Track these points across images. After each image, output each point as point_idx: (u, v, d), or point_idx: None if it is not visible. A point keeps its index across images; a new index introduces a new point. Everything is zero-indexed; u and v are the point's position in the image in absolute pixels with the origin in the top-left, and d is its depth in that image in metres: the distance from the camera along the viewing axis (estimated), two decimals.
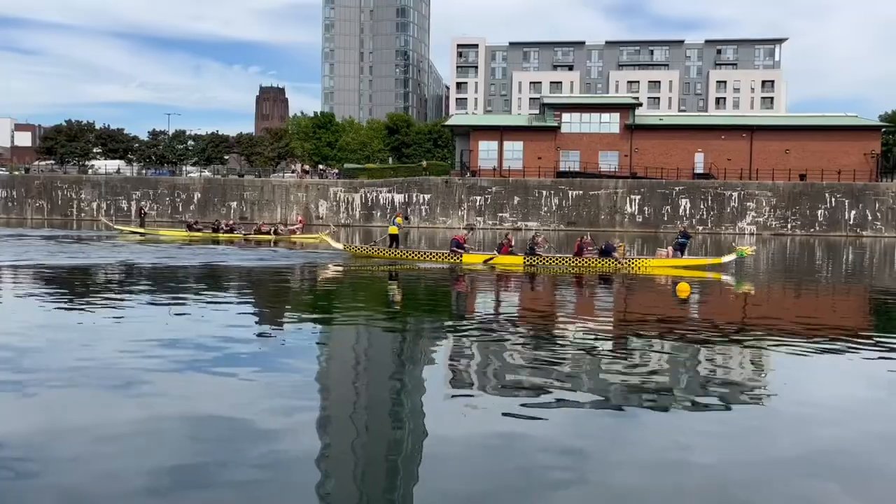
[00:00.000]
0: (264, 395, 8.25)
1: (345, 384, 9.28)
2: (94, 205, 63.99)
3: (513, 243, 27.20)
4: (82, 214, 63.73)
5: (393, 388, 9.05)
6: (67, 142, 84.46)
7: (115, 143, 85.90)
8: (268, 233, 40.60)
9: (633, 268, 24.98)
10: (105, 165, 78.04)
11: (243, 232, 41.34)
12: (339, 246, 29.25)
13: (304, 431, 7.07)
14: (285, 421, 7.31)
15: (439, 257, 26.38)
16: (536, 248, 26.03)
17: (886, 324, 15.84)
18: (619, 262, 25.01)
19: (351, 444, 6.86)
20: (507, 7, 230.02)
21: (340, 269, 24.32)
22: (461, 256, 25.70)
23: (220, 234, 40.03)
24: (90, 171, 74.00)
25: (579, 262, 25.40)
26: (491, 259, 25.59)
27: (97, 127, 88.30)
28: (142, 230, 43.39)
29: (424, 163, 69.28)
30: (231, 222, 44.55)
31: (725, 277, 23.81)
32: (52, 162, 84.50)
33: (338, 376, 9.75)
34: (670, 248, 26.91)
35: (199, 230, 41.34)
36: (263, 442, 6.66)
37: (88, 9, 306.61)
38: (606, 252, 25.44)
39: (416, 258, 26.79)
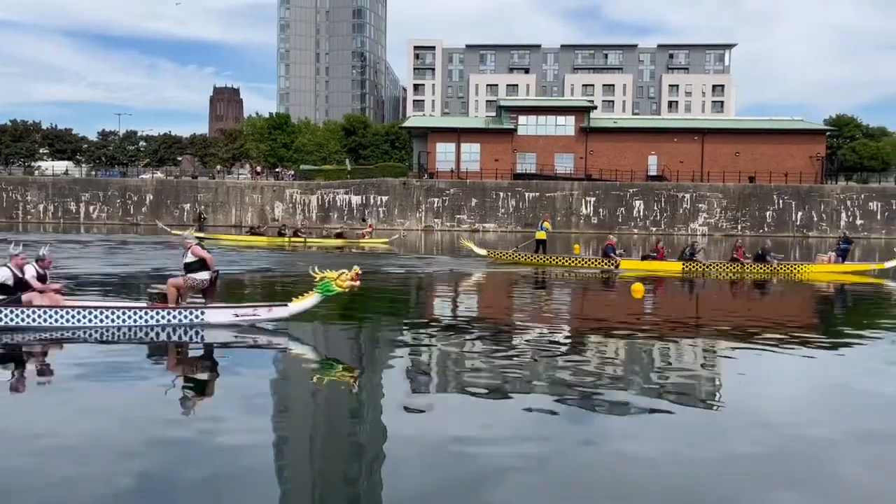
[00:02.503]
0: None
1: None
2: (41, 207, 62.11)
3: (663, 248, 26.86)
4: (28, 217, 61.80)
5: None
6: (12, 142, 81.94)
7: (62, 143, 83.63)
8: (339, 235, 39.10)
9: (793, 273, 25.08)
10: (52, 167, 75.68)
11: (342, 237, 39.15)
12: (483, 252, 28.27)
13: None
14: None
15: (592, 263, 26.25)
16: (696, 254, 25.90)
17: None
18: (776, 268, 25.13)
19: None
20: (463, 9, 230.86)
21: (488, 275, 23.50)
22: (618, 262, 25.34)
23: (326, 241, 38.35)
24: (36, 172, 71.81)
25: (736, 268, 25.35)
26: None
27: (44, 127, 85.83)
28: (201, 234, 41.65)
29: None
30: (299, 226, 43.29)
31: (889, 283, 23.34)
32: None
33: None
34: (832, 253, 26.91)
35: (262, 234, 39.93)
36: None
37: (35, 5, 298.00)
38: (762, 258, 25.73)
39: (565, 264, 26.49)
